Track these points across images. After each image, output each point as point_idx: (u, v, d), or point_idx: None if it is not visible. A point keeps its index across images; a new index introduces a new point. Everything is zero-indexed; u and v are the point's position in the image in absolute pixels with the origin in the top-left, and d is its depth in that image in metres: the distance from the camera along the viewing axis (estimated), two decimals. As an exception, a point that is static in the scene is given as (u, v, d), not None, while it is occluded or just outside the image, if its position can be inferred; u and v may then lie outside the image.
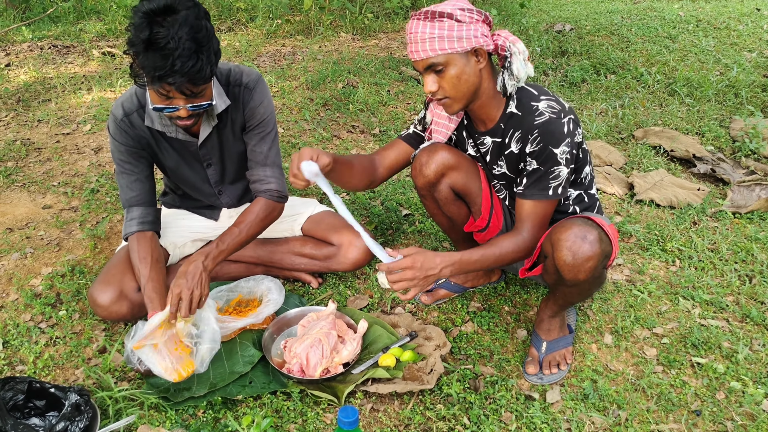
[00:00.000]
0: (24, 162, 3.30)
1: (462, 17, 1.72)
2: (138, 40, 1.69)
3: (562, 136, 1.81)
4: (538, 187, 1.87)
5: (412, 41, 1.78)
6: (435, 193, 2.15)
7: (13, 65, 4.95)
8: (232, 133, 2.18)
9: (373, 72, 4.68)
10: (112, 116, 2.06)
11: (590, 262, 1.76)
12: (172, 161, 2.18)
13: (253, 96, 2.12)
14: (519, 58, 1.79)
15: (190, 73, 1.71)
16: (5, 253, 2.54)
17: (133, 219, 2.11)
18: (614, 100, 4.40)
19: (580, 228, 1.76)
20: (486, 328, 2.23)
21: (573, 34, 5.61)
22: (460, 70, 1.78)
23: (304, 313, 2.22)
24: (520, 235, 1.89)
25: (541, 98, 1.85)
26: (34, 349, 2.07)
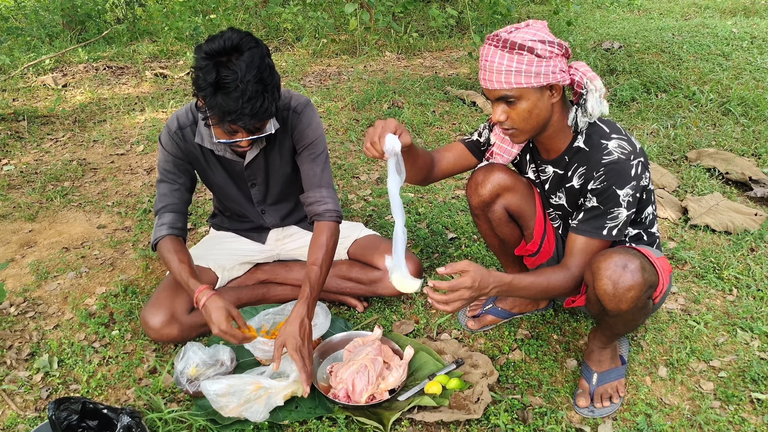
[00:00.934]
0: (80, 182, 3.41)
1: (542, 52, 1.66)
2: (205, 84, 1.73)
3: (629, 178, 1.76)
4: (594, 224, 1.82)
5: (486, 69, 1.72)
6: (489, 213, 2.13)
7: (69, 86, 5.14)
8: (279, 156, 2.21)
9: (418, 92, 4.69)
10: (167, 127, 2.13)
11: (632, 291, 1.69)
12: (220, 178, 2.23)
13: (301, 119, 2.16)
14: (595, 95, 1.73)
15: (258, 113, 1.78)
16: (61, 272, 2.62)
17: (163, 224, 2.12)
18: (665, 119, 4.30)
19: (621, 257, 1.71)
20: (534, 356, 2.18)
21: (622, 52, 5.52)
22: (532, 104, 1.74)
23: (349, 337, 2.22)
24: (569, 271, 1.83)
25: (612, 137, 1.79)
26: (88, 369, 2.11)
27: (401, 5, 5.75)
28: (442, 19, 5.64)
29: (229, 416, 1.86)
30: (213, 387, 1.87)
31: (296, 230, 2.51)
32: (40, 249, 2.80)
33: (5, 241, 2.85)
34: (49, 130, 4.15)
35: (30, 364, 2.15)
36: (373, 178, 3.45)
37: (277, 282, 2.46)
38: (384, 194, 3.27)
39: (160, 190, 2.17)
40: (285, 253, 2.49)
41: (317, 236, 2.12)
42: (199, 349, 2.05)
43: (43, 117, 4.35)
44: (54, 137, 4.03)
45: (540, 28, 1.72)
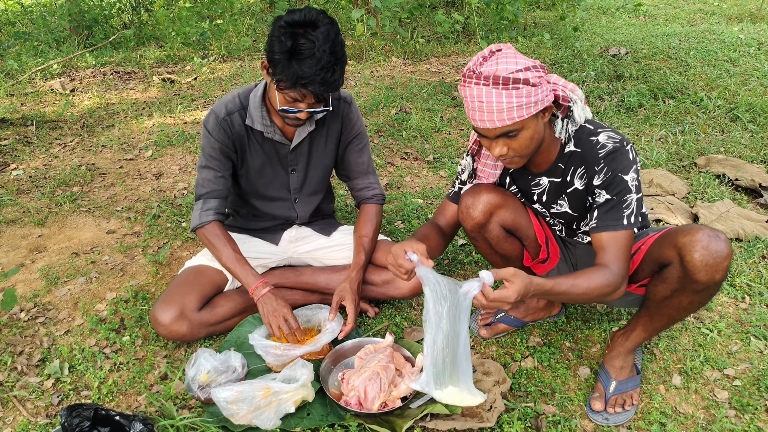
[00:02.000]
0: (89, 187, 3.41)
1: (535, 80, 1.64)
2: (282, 48, 1.85)
3: (630, 162, 1.78)
4: (613, 216, 1.79)
5: (482, 110, 1.67)
6: (485, 233, 2.10)
7: (77, 91, 5.15)
8: (324, 143, 2.31)
9: (426, 98, 4.69)
10: (214, 114, 2.17)
11: (726, 261, 1.70)
12: (258, 161, 2.27)
13: (352, 109, 2.31)
14: (579, 105, 1.77)
15: (329, 82, 1.89)
16: (71, 278, 2.61)
17: (209, 209, 2.20)
18: (673, 125, 4.29)
19: (707, 229, 1.72)
20: (547, 364, 2.17)
21: (628, 57, 5.52)
22: (533, 131, 1.75)
23: (361, 344, 2.21)
24: (608, 269, 1.74)
25: (599, 131, 1.82)
26: (99, 375, 2.11)
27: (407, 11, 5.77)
28: (448, 25, 5.65)
29: (240, 423, 1.85)
30: (223, 394, 1.86)
31: (310, 233, 2.51)
32: (49, 254, 2.79)
33: (15, 246, 2.86)
34: (57, 135, 4.16)
35: (41, 369, 2.14)
36: (382, 184, 3.44)
37: (287, 286, 2.45)
38: (393, 200, 3.27)
39: (204, 175, 2.22)
40: (297, 256, 2.49)
41: (367, 214, 2.41)
42: (211, 356, 2.04)
43: (51, 122, 4.36)
44: (62, 142, 4.04)
45: (515, 53, 1.69)
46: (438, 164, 3.69)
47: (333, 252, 2.46)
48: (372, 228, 2.38)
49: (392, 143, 3.95)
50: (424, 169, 3.65)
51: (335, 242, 2.48)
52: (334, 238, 2.51)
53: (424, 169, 3.64)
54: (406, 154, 3.83)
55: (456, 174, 2.26)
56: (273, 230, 2.48)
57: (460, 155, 3.84)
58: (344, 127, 2.33)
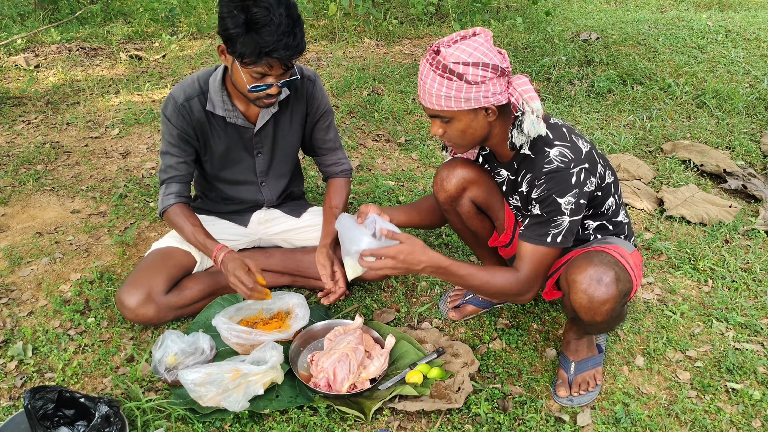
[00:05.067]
0: (53, 165, 3.32)
1: (474, 78, 1.63)
2: (236, 23, 1.80)
3: (569, 187, 1.75)
4: (538, 232, 1.82)
5: (420, 87, 1.73)
6: (457, 207, 2.15)
7: (42, 67, 5.01)
8: (289, 123, 2.27)
9: (398, 79, 4.67)
10: (172, 99, 2.12)
11: (607, 305, 1.73)
12: (221, 146, 2.23)
13: (316, 87, 2.26)
14: (531, 117, 1.69)
15: (292, 46, 1.84)
16: (35, 258, 2.56)
17: (171, 193, 2.20)
18: (641, 111, 4.34)
19: (595, 269, 1.72)
20: (514, 345, 2.20)
21: (599, 43, 5.55)
22: (465, 125, 1.76)
23: (330, 326, 2.21)
24: (516, 274, 1.82)
25: (554, 144, 1.77)
26: (63, 357, 2.07)
27: (381, -9, 5.70)
28: (421, 6, 5.61)
29: (207, 405, 1.84)
30: (191, 376, 1.85)
31: (279, 214, 2.49)
32: (12, 234, 2.73)
33: (-24, 225, 2.78)
34: (21, 111, 4.04)
35: (3, 351, 2.10)
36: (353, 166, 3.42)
37: (256, 269, 2.43)
38: (364, 182, 3.26)
39: (166, 161, 2.20)
40: (266, 238, 2.47)
41: (336, 186, 2.42)
42: (178, 338, 2.02)
43: (14, 98, 4.23)
44: (26, 119, 3.92)
45: (481, 43, 1.67)
46: (410, 146, 3.68)
47: (303, 233, 2.45)
48: (342, 199, 2.40)
49: (364, 125, 3.93)
50: (395, 151, 3.64)
51: (305, 223, 2.47)
52: (304, 219, 2.49)
53: (395, 151, 3.63)
54: (378, 136, 3.81)
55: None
56: (242, 213, 2.45)
57: (432, 137, 3.84)
58: (310, 106, 2.29)
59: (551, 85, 4.77)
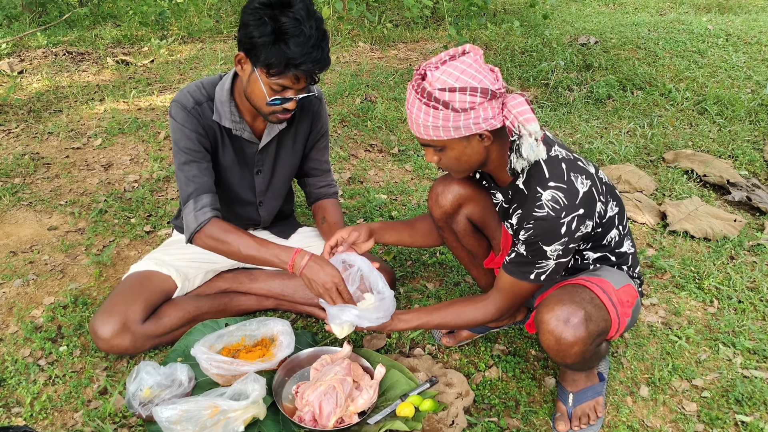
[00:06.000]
0: (31, 178, 3.19)
1: (461, 105, 1.50)
2: (263, 32, 1.70)
3: (557, 236, 1.63)
4: (521, 269, 1.73)
5: (408, 114, 1.63)
6: (453, 224, 2.04)
7: (26, 72, 4.88)
8: (293, 142, 2.17)
9: (392, 86, 4.55)
10: (180, 105, 1.97)
11: (575, 347, 1.63)
12: (228, 159, 2.11)
13: (322, 105, 2.18)
14: (529, 140, 1.55)
15: (320, 60, 1.75)
16: (7, 279, 2.43)
17: (204, 206, 1.96)
18: (642, 118, 4.23)
19: (563, 309, 1.63)
20: (512, 374, 2.08)
21: (598, 47, 5.44)
22: (459, 152, 1.64)
23: (317, 354, 2.09)
24: (485, 308, 1.81)
25: (549, 185, 1.62)
26: (32, 390, 1.95)
27: (375, -6, 5.59)
28: (417, 10, 5.49)
29: None
30: (165, 413, 1.72)
31: (268, 236, 2.38)
32: (-16, 252, 2.60)
33: (-53, 243, 2.65)
34: (1, 120, 3.91)
35: (-32, 383, 1.97)
36: (344, 178, 3.30)
37: (240, 291, 2.31)
38: (356, 195, 3.13)
39: (188, 172, 1.98)
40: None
41: (332, 206, 2.32)
42: (154, 369, 1.90)
43: (-5, 106, 4.10)
44: (6, 128, 3.79)
45: (469, 65, 1.54)
46: (403, 157, 3.56)
47: (290, 255, 2.32)
48: (341, 217, 2.31)
49: (356, 134, 3.81)
50: (388, 162, 3.52)
51: (293, 245, 2.34)
52: (292, 240, 2.37)
53: (388, 162, 3.51)
54: (371, 146, 3.69)
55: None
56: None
57: (427, 147, 3.72)
58: (314, 125, 2.20)
59: (549, 90, 4.65)
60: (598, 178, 1.72)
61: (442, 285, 2.51)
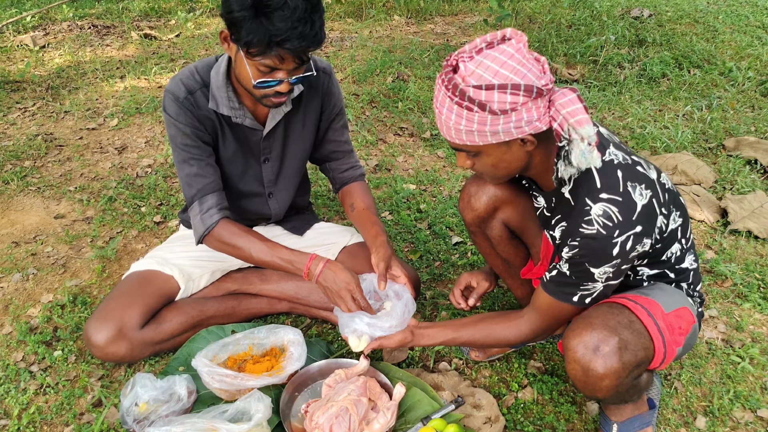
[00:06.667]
0: (42, 161, 3.04)
1: (501, 106, 1.25)
2: (243, 4, 1.49)
3: (607, 258, 1.37)
4: (563, 290, 1.49)
5: (436, 115, 1.37)
6: (486, 229, 1.79)
7: (49, 46, 4.74)
8: (302, 124, 1.93)
9: (427, 63, 4.26)
10: (171, 95, 1.76)
11: (605, 380, 1.38)
12: (230, 150, 1.89)
13: (332, 81, 1.94)
14: (581, 146, 1.28)
15: (309, 36, 1.53)
16: (7, 273, 2.28)
17: (210, 208, 1.81)
18: (699, 99, 3.87)
19: (593, 334, 1.38)
20: (548, 397, 1.84)
21: (652, 20, 5.04)
22: (497, 159, 1.39)
23: (330, 367, 1.89)
24: (518, 328, 1.60)
25: (601, 197, 1.36)
26: (21, 400, 1.79)
27: (412, -36, 5.28)
28: (456, -20, 5.17)
29: None
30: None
31: (280, 232, 2.17)
32: (-13, 242, 2.46)
33: (-50, 231, 2.52)
34: (18, 98, 3.78)
35: (-45, 391, 1.83)
36: (371, 165, 3.07)
37: (249, 293, 2.11)
38: (381, 185, 2.90)
39: (188, 170, 1.80)
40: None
41: (361, 190, 2.06)
42: (150, 382, 1.73)
43: (14, 83, 3.96)
44: (23, 106, 3.65)
45: (511, 55, 1.27)
46: (435, 142, 3.30)
47: (304, 255, 2.11)
48: (372, 201, 2.05)
49: (386, 116, 3.55)
50: (419, 147, 3.26)
51: (308, 243, 2.14)
52: (307, 237, 2.16)
53: (419, 148, 3.26)
54: (401, 130, 3.43)
55: None
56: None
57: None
58: (326, 103, 1.94)
59: (598, 68, 4.31)
60: (660, 185, 1.45)
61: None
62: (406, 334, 1.68)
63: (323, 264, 1.76)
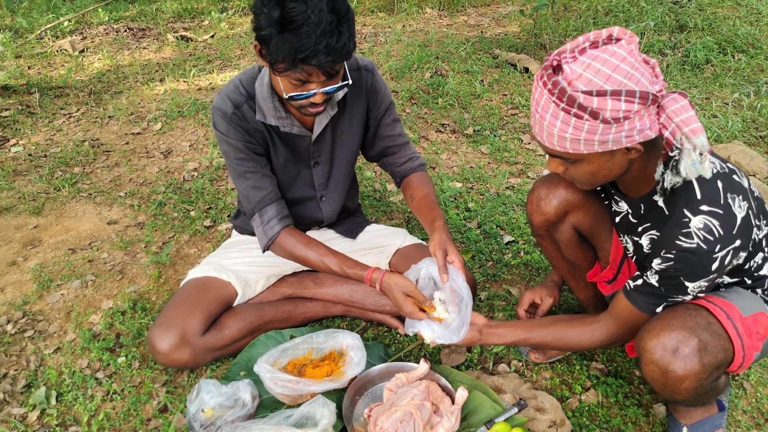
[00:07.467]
0: (91, 167, 3.09)
1: (614, 114, 1.18)
2: (269, 22, 1.47)
3: (705, 272, 1.32)
4: (648, 300, 1.45)
5: (536, 121, 1.29)
6: (555, 233, 1.76)
7: (88, 51, 4.80)
8: (349, 125, 1.92)
9: (464, 57, 4.22)
10: (219, 112, 1.77)
11: (685, 382, 1.35)
12: (281, 158, 1.90)
13: (376, 78, 1.92)
14: (692, 156, 1.22)
15: (335, 49, 1.49)
16: (66, 280, 2.32)
17: (271, 219, 1.85)
18: (746, 86, 3.77)
19: (672, 335, 1.34)
20: (613, 399, 1.82)
21: (692, 5, 4.92)
22: (597, 167, 1.33)
23: (390, 371, 1.88)
24: (593, 333, 1.58)
25: (701, 208, 1.31)
26: (89, 406, 1.83)
27: (443, -45, 5.22)
28: (488, -29, 5.10)
29: None
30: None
31: (333, 235, 2.18)
32: (44, 249, 2.50)
33: (8, 239, 2.57)
34: (62, 103, 3.83)
35: (26, 398, 1.87)
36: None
37: (305, 297, 2.12)
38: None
39: (245, 184, 1.84)
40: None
41: (421, 180, 2.04)
42: (215, 388, 1.75)
43: (56, 89, 4.02)
44: (67, 112, 3.71)
45: (622, 58, 1.18)
46: (479, 138, 3.27)
47: (359, 257, 2.10)
48: (432, 189, 2.01)
49: (426, 113, 3.52)
50: (463, 144, 3.24)
51: (361, 246, 2.14)
52: (360, 240, 2.16)
53: (463, 144, 3.23)
54: (443, 126, 3.41)
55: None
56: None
57: (504, 126, 3.40)
58: (372, 101, 1.93)
59: (638, 57, 4.22)
60: (751, 194, 1.39)
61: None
62: (473, 334, 1.67)
63: (382, 275, 1.78)
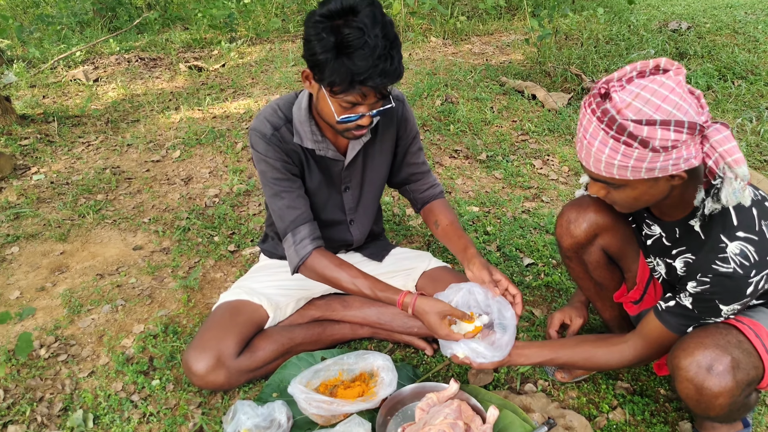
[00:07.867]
0: (114, 194, 3.15)
1: (662, 143, 1.23)
2: (325, 47, 1.55)
3: (740, 296, 1.39)
4: (680, 322, 1.51)
5: (583, 145, 1.35)
6: (584, 255, 1.81)
7: (101, 80, 4.89)
8: (380, 151, 2.00)
9: (472, 84, 4.32)
10: (259, 133, 1.84)
11: (720, 399, 1.40)
12: (315, 181, 1.97)
13: (406, 107, 2.01)
14: (734, 184, 1.29)
15: (389, 72, 1.57)
16: (96, 305, 2.36)
17: (304, 239, 1.89)
18: (748, 111, 3.87)
19: (706, 354, 1.40)
20: (640, 417, 1.86)
21: (691, 33, 5.06)
22: (641, 192, 1.39)
23: (420, 391, 1.92)
24: (621, 353, 1.64)
25: (738, 234, 1.36)
26: (126, 429, 1.86)
27: (447, -14, 5.36)
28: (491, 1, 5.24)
29: None
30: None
31: (361, 259, 2.23)
32: (72, 275, 2.55)
33: (35, 265, 2.61)
34: (80, 132, 3.90)
35: (63, 421, 1.90)
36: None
37: (333, 320, 2.17)
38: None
39: (280, 204, 1.89)
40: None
41: (443, 206, 2.11)
42: (251, 409, 1.78)
43: (74, 117, 4.10)
44: (86, 140, 3.78)
45: (672, 89, 1.24)
46: (492, 163, 3.35)
47: (386, 280, 2.15)
48: (455, 216, 2.09)
49: (439, 139, 3.61)
50: (476, 169, 3.31)
51: (387, 269, 2.19)
52: (386, 264, 2.22)
53: (476, 170, 3.30)
54: (456, 152, 3.49)
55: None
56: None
57: (516, 152, 3.49)
58: (401, 130, 2.01)
59: (641, 83, 4.33)
60: None
61: (549, 311, 2.30)
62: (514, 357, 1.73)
63: (414, 299, 1.80)
